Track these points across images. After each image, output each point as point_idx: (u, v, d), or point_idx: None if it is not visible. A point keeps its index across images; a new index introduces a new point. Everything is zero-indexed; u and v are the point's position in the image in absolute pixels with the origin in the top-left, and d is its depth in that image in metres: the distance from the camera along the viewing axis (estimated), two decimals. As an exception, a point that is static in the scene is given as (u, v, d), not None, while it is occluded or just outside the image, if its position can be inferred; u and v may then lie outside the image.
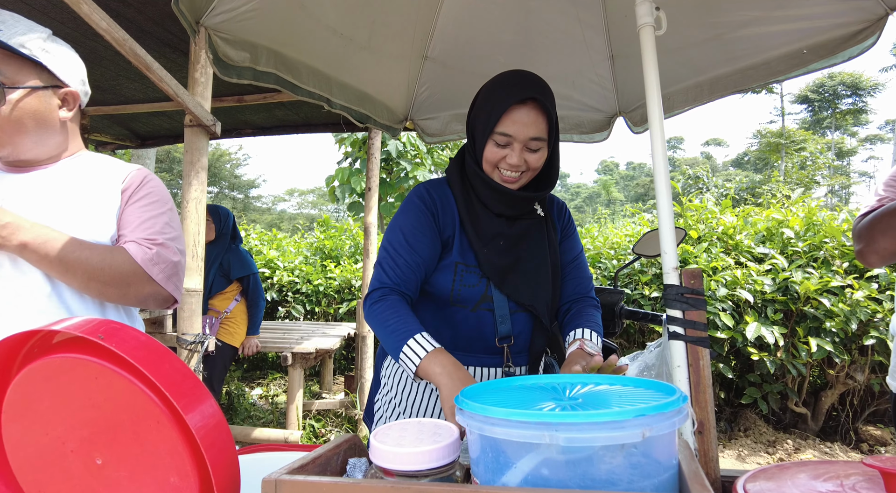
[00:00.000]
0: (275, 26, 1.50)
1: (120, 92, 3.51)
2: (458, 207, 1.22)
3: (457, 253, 1.21)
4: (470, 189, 1.24)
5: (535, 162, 1.17)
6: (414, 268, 1.16)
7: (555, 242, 1.31)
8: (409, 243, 1.17)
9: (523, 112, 1.11)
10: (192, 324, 1.91)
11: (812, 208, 4.00)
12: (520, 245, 1.24)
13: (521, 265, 1.23)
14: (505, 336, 1.23)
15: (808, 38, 1.63)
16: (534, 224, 1.27)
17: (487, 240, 1.21)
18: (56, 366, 0.67)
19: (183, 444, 0.64)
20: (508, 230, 1.23)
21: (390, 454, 0.69)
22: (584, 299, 1.34)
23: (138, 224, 1.18)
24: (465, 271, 1.20)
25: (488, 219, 1.22)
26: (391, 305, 1.11)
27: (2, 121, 1.10)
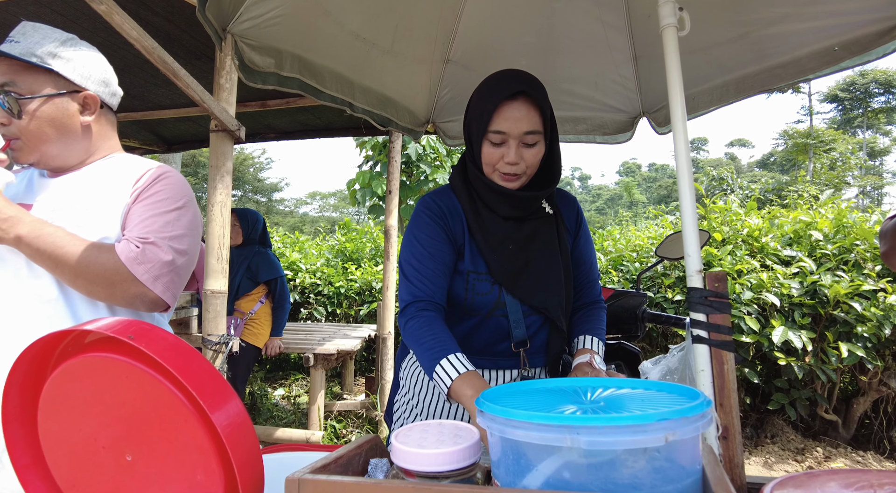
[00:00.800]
0: (299, 32, 1.53)
1: (148, 98, 3.60)
2: (466, 214, 1.22)
3: (468, 261, 1.21)
4: (475, 195, 1.23)
5: (533, 158, 1.15)
6: (440, 275, 1.17)
7: (565, 240, 1.29)
8: (430, 252, 1.18)
9: (514, 107, 1.11)
10: (217, 325, 1.95)
11: (842, 210, 3.88)
12: (529, 247, 1.22)
13: (532, 267, 1.21)
14: (520, 341, 1.22)
15: (841, 35, 1.58)
16: (543, 224, 1.26)
17: (496, 245, 1.20)
18: (88, 365, 0.69)
19: (209, 442, 0.66)
20: (517, 233, 1.22)
21: (412, 454, 0.69)
22: (595, 302, 1.34)
23: (137, 222, 1.15)
24: (476, 280, 1.20)
25: (496, 223, 1.21)
26: (426, 321, 1.12)
27: (24, 132, 1.12)
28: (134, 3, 2.36)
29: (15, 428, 0.74)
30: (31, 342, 0.70)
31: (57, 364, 0.73)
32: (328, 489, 0.64)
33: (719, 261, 3.71)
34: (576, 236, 1.34)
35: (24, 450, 0.75)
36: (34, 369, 0.74)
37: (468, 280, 1.20)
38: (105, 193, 1.17)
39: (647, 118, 2.11)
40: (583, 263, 1.33)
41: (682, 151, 1.04)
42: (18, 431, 0.75)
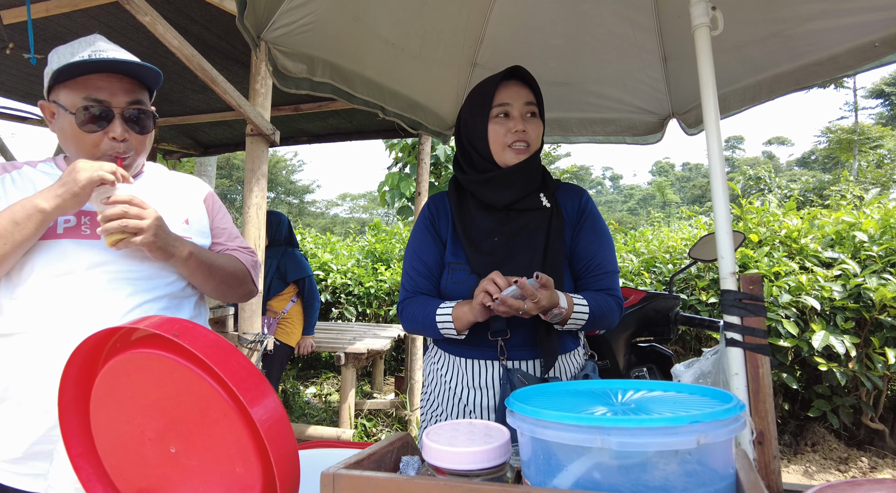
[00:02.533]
0: (330, 38, 1.56)
1: (186, 104, 3.73)
2: (452, 211, 1.33)
3: (450, 253, 1.31)
4: (465, 194, 1.34)
5: (535, 130, 1.26)
6: (425, 274, 1.32)
7: (559, 233, 1.28)
8: (418, 255, 1.33)
9: (511, 85, 1.27)
10: (252, 324, 2.00)
11: (889, 210, 3.72)
12: (516, 239, 1.26)
13: (516, 259, 1.23)
14: (499, 331, 1.23)
15: (881, 31, 1.53)
16: (536, 217, 1.28)
17: (481, 238, 1.28)
18: (136, 360, 0.73)
19: (248, 436, 0.68)
20: (503, 226, 1.28)
21: (443, 452, 0.70)
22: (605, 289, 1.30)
23: (229, 235, 1.35)
24: (455, 270, 1.28)
25: (482, 217, 1.30)
26: (411, 303, 1.29)
27: (139, 146, 1.19)
28: (174, 13, 2.45)
29: (70, 420, 0.78)
30: (84, 338, 0.74)
31: (107, 360, 0.76)
32: (362, 484, 0.66)
33: (755, 263, 3.61)
34: (577, 228, 1.32)
35: (78, 440, 0.79)
36: (87, 364, 0.78)
37: (448, 271, 1.30)
38: (185, 204, 1.28)
39: (676, 119, 2.08)
40: (585, 255, 1.30)
41: (715, 152, 1.03)
42: (73, 422, 0.79)
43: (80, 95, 1.10)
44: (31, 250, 1.08)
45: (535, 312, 1.12)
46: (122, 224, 1.05)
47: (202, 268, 1.20)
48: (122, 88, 1.13)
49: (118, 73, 1.13)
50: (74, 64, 1.08)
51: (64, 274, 1.09)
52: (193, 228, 1.27)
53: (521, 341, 1.25)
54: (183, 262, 1.17)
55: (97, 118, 1.10)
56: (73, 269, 1.09)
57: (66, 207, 1.04)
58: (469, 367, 1.28)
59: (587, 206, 1.34)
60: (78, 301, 1.09)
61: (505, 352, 1.23)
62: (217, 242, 1.33)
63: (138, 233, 1.07)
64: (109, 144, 1.13)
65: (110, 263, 1.13)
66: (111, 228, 1.05)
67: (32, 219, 1.03)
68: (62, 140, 1.14)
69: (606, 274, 1.30)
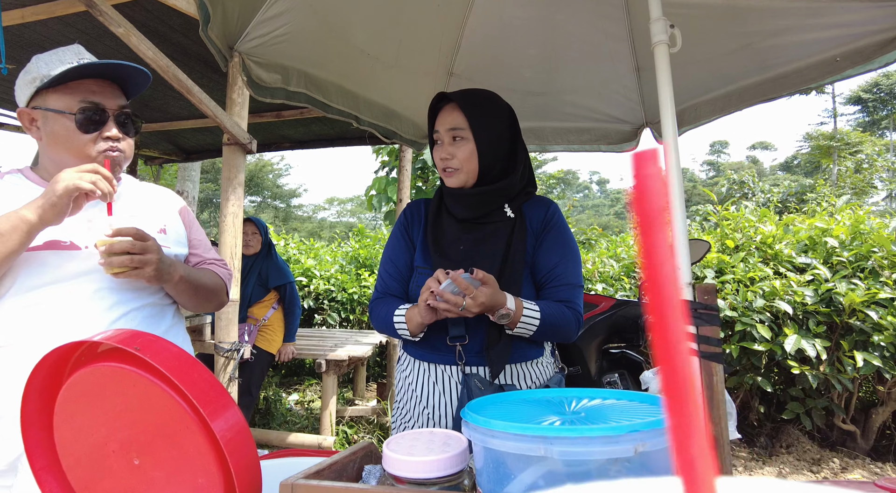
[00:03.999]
0: (305, 48, 1.58)
1: (167, 110, 3.71)
2: (427, 218, 1.38)
3: (418, 257, 1.35)
4: (441, 204, 1.39)
5: (462, 153, 1.28)
6: (395, 277, 1.37)
7: (520, 242, 1.29)
8: (391, 258, 1.39)
9: (443, 112, 1.31)
10: (228, 332, 2.00)
11: (859, 216, 3.82)
12: (479, 249, 1.30)
13: (477, 267, 1.24)
14: (457, 336, 1.25)
15: (843, 46, 1.59)
16: (499, 227, 1.31)
17: (447, 244, 1.32)
18: (99, 373, 0.73)
19: (209, 448, 0.69)
20: (468, 235, 1.32)
21: (401, 461, 0.72)
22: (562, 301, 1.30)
23: (205, 246, 1.38)
24: (421, 273, 1.32)
25: (450, 226, 1.34)
26: (378, 304, 1.34)
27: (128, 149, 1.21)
28: (153, 21, 2.45)
29: (33, 433, 0.79)
30: (48, 352, 0.75)
31: (71, 373, 0.77)
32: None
33: (731, 268, 3.68)
34: (540, 239, 1.33)
35: (41, 453, 0.80)
36: (51, 377, 0.78)
37: (415, 274, 1.34)
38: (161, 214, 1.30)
39: (650, 128, 2.13)
40: (546, 265, 1.31)
41: (672, 165, 1.06)
42: (36, 435, 0.79)
43: (75, 99, 1.12)
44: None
45: (475, 309, 1.13)
46: (128, 260, 1.08)
47: (189, 288, 1.23)
48: (112, 93, 1.17)
49: (108, 79, 1.17)
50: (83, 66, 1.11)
51: (46, 285, 1.09)
52: (171, 237, 1.28)
53: (479, 347, 1.26)
54: (173, 285, 1.20)
55: (94, 119, 1.13)
56: (55, 280, 1.10)
57: (48, 218, 1.04)
58: (431, 372, 1.31)
59: (553, 217, 1.35)
60: (62, 312, 1.09)
61: (463, 357, 1.25)
62: (194, 253, 1.36)
63: (141, 267, 1.10)
64: (105, 144, 1.15)
65: (93, 272, 1.13)
66: (115, 263, 1.07)
67: (17, 230, 1.02)
68: (51, 144, 1.15)
69: (567, 286, 1.29)
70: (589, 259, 4.80)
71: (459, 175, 1.29)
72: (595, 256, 4.94)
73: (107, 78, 1.17)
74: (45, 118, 1.14)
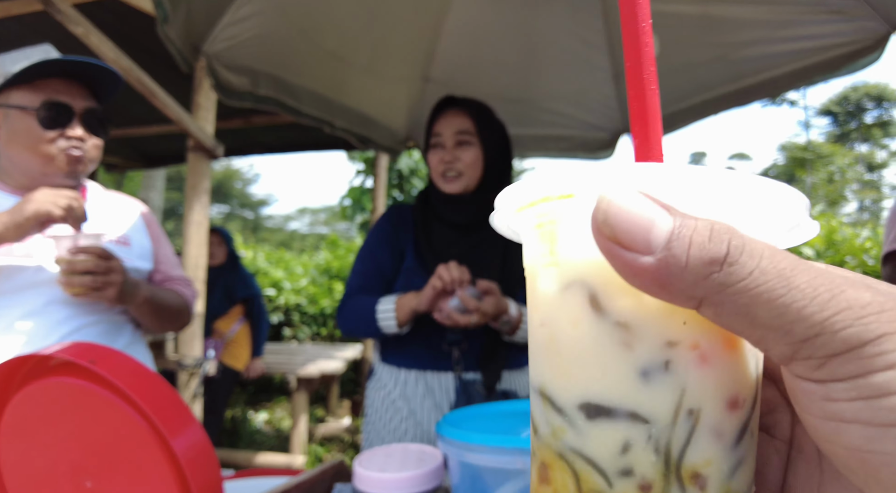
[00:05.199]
0: (275, 52, 1.54)
1: (129, 115, 3.59)
2: (416, 222, 1.34)
3: (410, 259, 1.31)
4: (429, 209, 1.36)
5: (468, 157, 1.26)
6: (374, 272, 1.32)
7: (517, 248, 1.28)
8: (373, 254, 1.34)
9: (447, 115, 1.28)
10: (192, 347, 1.92)
11: (833, 226, 3.93)
12: (472, 254, 1.28)
13: (474, 271, 1.24)
14: (452, 341, 1.23)
15: (812, 57, 1.64)
16: (492, 234, 1.29)
17: (443, 248, 1.30)
18: (49, 390, 0.68)
19: (168, 467, 0.65)
20: (462, 241, 1.30)
21: (373, 479, 0.69)
22: None
23: (171, 263, 1.33)
24: (414, 276, 1.28)
25: (442, 231, 1.32)
26: (353, 299, 1.28)
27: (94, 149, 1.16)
28: (116, 22, 2.37)
29: (-26, 456, 0.73)
30: (-7, 367, 0.70)
31: (18, 389, 0.72)
32: (285, 519, 0.63)
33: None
34: None
35: (-16, 478, 0.74)
36: (-3, 394, 0.73)
37: (406, 276, 1.30)
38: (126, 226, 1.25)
39: (628, 135, 2.15)
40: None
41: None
42: (-22, 459, 0.73)
43: (38, 97, 1.09)
44: None
45: (483, 321, 1.13)
46: (89, 281, 1.02)
47: (152, 310, 1.19)
48: (80, 93, 1.13)
49: (76, 79, 1.13)
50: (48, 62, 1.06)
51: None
52: (134, 251, 1.23)
53: (478, 351, 1.24)
54: (136, 307, 1.15)
55: (58, 117, 1.10)
56: (4, 291, 1.04)
57: (9, 236, 0.98)
58: (421, 381, 1.26)
59: None
60: (11, 325, 1.03)
61: (461, 362, 1.22)
62: (159, 270, 1.31)
63: (103, 289, 1.04)
64: (66, 143, 1.11)
65: (46, 284, 1.08)
66: (76, 282, 1.02)
67: None
68: (10, 142, 1.10)
69: None
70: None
71: (462, 180, 1.27)
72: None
73: (75, 78, 1.13)
74: (7, 116, 1.09)
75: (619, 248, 0.18)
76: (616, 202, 0.18)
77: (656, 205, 0.18)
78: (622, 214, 0.18)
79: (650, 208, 0.18)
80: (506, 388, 1.24)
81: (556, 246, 0.21)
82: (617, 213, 0.18)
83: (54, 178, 1.12)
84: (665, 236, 0.17)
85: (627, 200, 0.18)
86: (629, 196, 0.18)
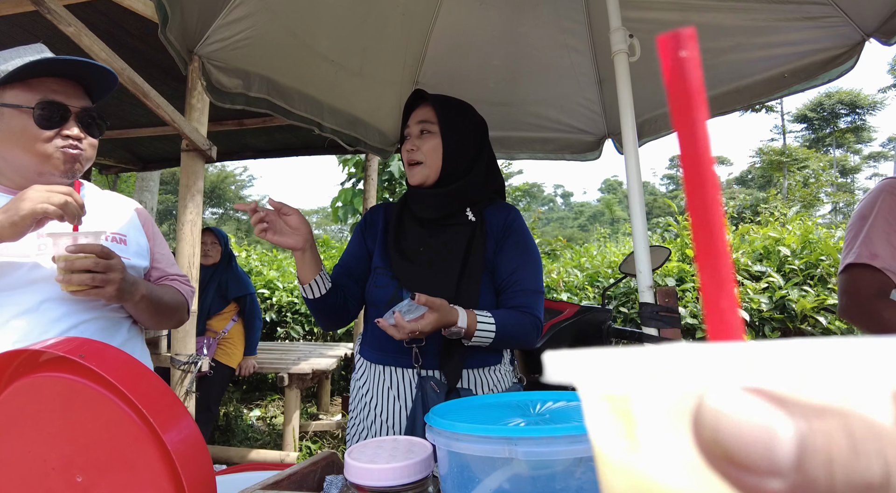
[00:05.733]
0: (267, 54, 1.55)
1: (123, 117, 3.59)
2: (388, 220, 1.37)
3: (377, 258, 1.34)
4: (405, 207, 1.38)
5: (427, 146, 1.29)
6: (343, 272, 1.36)
7: (480, 247, 1.29)
8: (345, 254, 1.40)
9: (417, 109, 1.33)
10: (185, 345, 1.93)
11: (808, 226, 4.01)
12: (440, 252, 1.29)
13: (435, 270, 1.26)
14: (412, 339, 1.22)
15: (789, 64, 1.67)
16: (459, 231, 1.31)
17: (408, 247, 1.32)
18: (39, 385, 0.69)
19: (160, 462, 0.66)
20: (430, 238, 1.31)
21: (363, 470, 0.70)
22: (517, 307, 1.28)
23: (168, 261, 1.34)
24: (379, 274, 1.31)
25: (413, 229, 1.34)
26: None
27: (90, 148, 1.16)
28: (109, 25, 2.37)
29: (-38, 451, 0.73)
30: (-20, 363, 0.70)
31: (8, 385, 0.72)
32: (277, 505, 0.64)
33: (692, 277, 3.79)
34: (501, 244, 1.33)
35: (-28, 473, 0.74)
36: (-17, 391, 0.73)
37: (374, 273, 1.33)
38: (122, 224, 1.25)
39: (611, 139, 2.18)
40: (505, 270, 1.30)
41: (633, 173, 1.08)
42: (-34, 454, 0.74)
43: (34, 96, 1.08)
44: None
45: (422, 336, 1.14)
46: (88, 279, 1.02)
47: (150, 307, 1.18)
48: (75, 93, 1.13)
49: (71, 79, 1.13)
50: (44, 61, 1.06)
51: None
52: (131, 249, 1.23)
53: (437, 349, 1.24)
54: (133, 305, 1.14)
55: (54, 116, 1.09)
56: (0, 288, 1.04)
57: (5, 235, 0.97)
58: (386, 376, 1.28)
59: (514, 222, 1.34)
60: (6, 323, 1.03)
61: (420, 359, 1.23)
62: (156, 267, 1.31)
63: (102, 287, 1.04)
64: (64, 142, 1.11)
65: (42, 281, 1.07)
66: (75, 280, 1.02)
67: None
68: (5, 142, 1.09)
69: (525, 291, 1.28)
70: (554, 269, 4.86)
71: (422, 170, 1.29)
72: (560, 266, 5.01)
73: (70, 78, 1.13)
74: (1, 114, 1.09)
75: (739, 470, 0.14)
76: (724, 411, 0.14)
77: (769, 404, 0.14)
78: (733, 426, 0.14)
79: (765, 411, 0.14)
80: (466, 386, 1.25)
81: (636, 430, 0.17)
82: (728, 425, 0.14)
83: (50, 177, 1.12)
84: (792, 451, 0.13)
85: (737, 406, 0.14)
86: (737, 399, 0.14)
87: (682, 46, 0.19)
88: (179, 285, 1.33)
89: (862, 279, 1.20)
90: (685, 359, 0.15)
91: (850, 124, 30.87)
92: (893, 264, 1.19)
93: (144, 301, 1.16)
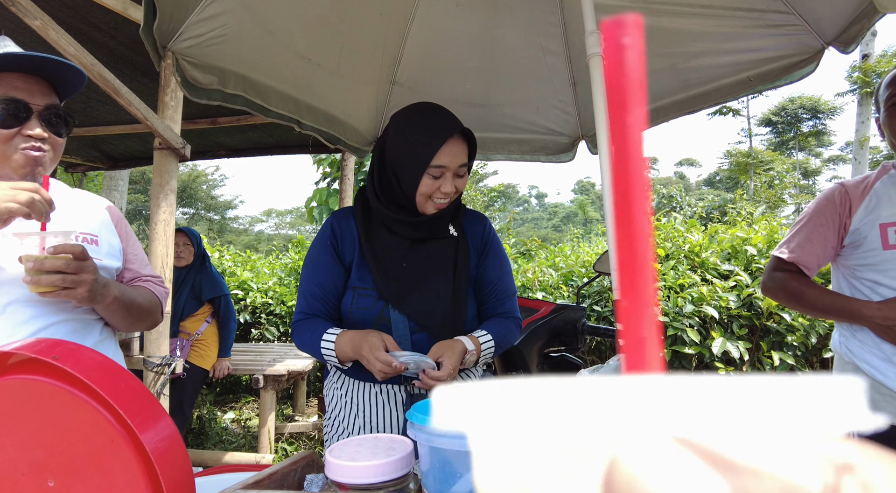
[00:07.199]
0: (243, 51, 1.54)
1: (91, 114, 3.49)
2: (360, 236, 1.29)
3: (355, 278, 1.28)
4: (372, 218, 1.31)
5: (462, 186, 1.26)
6: (319, 297, 1.28)
7: (465, 261, 1.31)
8: (315, 277, 1.29)
9: (454, 144, 1.20)
10: (158, 346, 1.89)
11: (773, 226, 4.14)
12: (425, 266, 1.27)
13: (423, 285, 1.25)
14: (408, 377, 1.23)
15: (754, 68, 1.74)
16: (444, 245, 1.30)
17: (390, 263, 1.26)
18: (9, 388, 0.67)
19: (137, 463, 0.65)
20: (412, 253, 1.27)
21: (344, 468, 0.70)
22: (504, 313, 1.36)
23: (141, 261, 1.32)
24: (361, 295, 1.26)
25: (392, 243, 1.28)
26: (301, 326, 1.27)
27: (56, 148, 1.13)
28: (76, 20, 2.31)
29: (-72, 457, 0.71)
30: (-52, 366, 0.68)
31: (-24, 388, 0.70)
32: (258, 504, 0.64)
33: (663, 276, 3.87)
34: (482, 256, 1.36)
35: (-62, 479, 0.72)
36: (-49, 395, 0.71)
37: (354, 295, 1.27)
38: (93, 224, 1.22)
39: (585, 141, 2.22)
40: (488, 281, 1.35)
41: (607, 174, 1.11)
42: (-68, 459, 0.71)
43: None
44: None
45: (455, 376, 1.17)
46: (59, 280, 0.99)
47: (122, 309, 1.16)
48: (40, 90, 1.09)
49: (35, 74, 1.08)
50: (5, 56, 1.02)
51: None
52: (103, 249, 1.20)
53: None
54: (105, 307, 1.12)
55: (15, 114, 1.05)
56: None
57: None
58: (372, 393, 1.28)
59: (490, 233, 1.39)
60: None
61: (409, 378, 1.22)
62: (129, 268, 1.28)
63: (73, 288, 1.01)
64: (26, 142, 1.06)
65: (7, 283, 1.04)
66: (44, 282, 0.99)
67: None
68: None
69: (508, 297, 1.36)
70: (529, 269, 4.91)
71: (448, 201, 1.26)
72: (535, 266, 5.06)
73: (34, 74, 1.09)
74: None
75: None
76: (643, 476, 0.12)
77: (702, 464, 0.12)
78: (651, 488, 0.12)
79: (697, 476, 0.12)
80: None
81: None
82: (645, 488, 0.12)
83: (9, 179, 1.07)
84: None
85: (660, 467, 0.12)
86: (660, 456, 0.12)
87: (626, 33, 0.17)
88: (153, 287, 1.30)
89: (774, 266, 1.60)
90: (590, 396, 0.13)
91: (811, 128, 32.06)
92: (805, 258, 1.51)
93: (116, 303, 1.13)
